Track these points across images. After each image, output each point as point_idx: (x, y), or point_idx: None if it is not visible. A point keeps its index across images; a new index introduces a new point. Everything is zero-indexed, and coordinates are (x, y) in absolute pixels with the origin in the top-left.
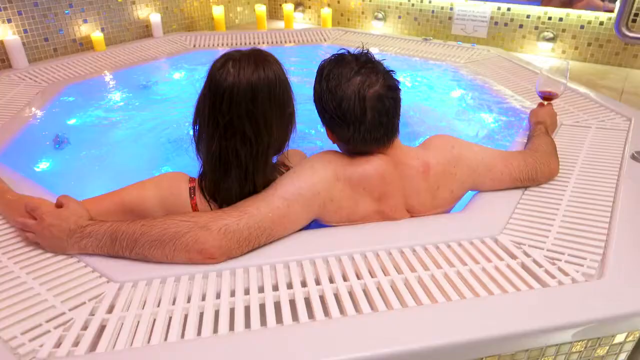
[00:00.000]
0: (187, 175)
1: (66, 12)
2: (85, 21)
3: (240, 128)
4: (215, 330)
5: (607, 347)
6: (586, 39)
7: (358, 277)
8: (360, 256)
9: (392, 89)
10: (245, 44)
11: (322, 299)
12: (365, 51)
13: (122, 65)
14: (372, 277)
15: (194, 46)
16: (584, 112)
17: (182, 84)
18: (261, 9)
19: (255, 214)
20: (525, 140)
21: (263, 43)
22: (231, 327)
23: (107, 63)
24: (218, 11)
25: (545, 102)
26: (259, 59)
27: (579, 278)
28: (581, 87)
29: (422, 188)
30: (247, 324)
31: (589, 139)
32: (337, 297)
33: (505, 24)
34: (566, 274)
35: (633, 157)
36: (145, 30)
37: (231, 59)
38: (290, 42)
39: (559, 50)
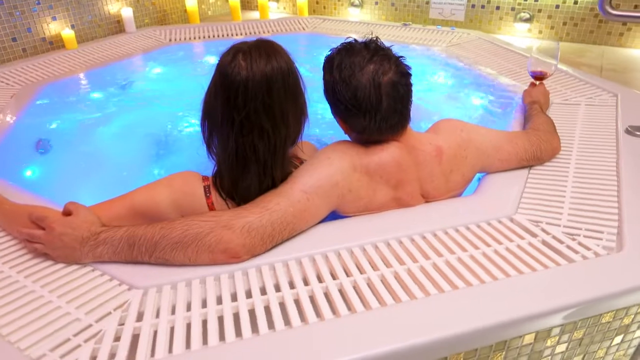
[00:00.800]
0: (199, 174)
1: (33, 9)
2: (54, 18)
3: (257, 122)
4: (255, 330)
5: (632, 316)
6: (561, 19)
7: (387, 265)
8: (384, 244)
9: (405, 75)
10: (223, 35)
11: (356, 289)
12: (375, 38)
13: (97, 63)
14: (401, 264)
15: (170, 40)
16: (571, 90)
17: (161, 80)
18: (235, 0)
19: (276, 209)
20: (521, 120)
21: (240, 34)
22: (270, 326)
23: (81, 61)
24: (191, 3)
25: (537, 82)
26: (268, 49)
27: (601, 252)
28: (564, 65)
29: (436, 173)
30: (287, 321)
31: (581, 116)
32: (371, 287)
33: (483, 6)
34: (588, 249)
35: (627, 131)
36: (117, 26)
37: (240, 51)
38: (268, 32)
39: (535, 30)
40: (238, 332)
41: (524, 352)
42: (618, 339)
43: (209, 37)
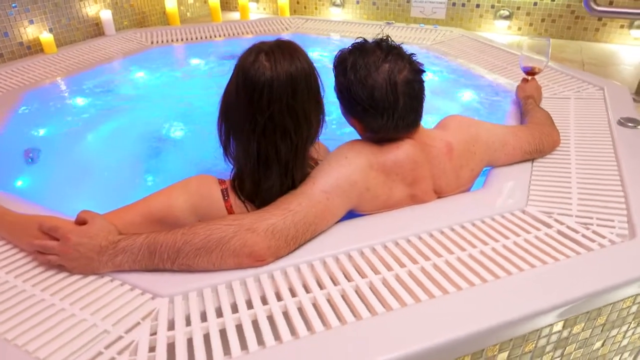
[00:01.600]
0: (214, 177)
1: (9, 12)
2: (31, 22)
3: (280, 123)
4: (293, 332)
5: None
6: (540, 15)
7: (413, 262)
8: (404, 241)
9: (418, 73)
10: (206, 37)
11: (386, 286)
12: (385, 37)
13: (79, 67)
14: (426, 260)
15: (152, 43)
16: (559, 84)
17: (146, 83)
18: (215, 1)
19: (298, 210)
20: (517, 115)
21: (223, 36)
22: (308, 327)
23: (62, 66)
24: (171, 5)
25: (529, 77)
26: (290, 49)
27: (616, 239)
28: (550, 61)
29: (448, 168)
30: (324, 322)
31: (572, 109)
32: (401, 283)
33: (463, 5)
34: (603, 237)
35: (620, 123)
36: (95, 29)
37: (262, 51)
38: (251, 32)
39: (515, 27)
40: (276, 336)
41: (552, 340)
42: (635, 323)
43: (191, 39)
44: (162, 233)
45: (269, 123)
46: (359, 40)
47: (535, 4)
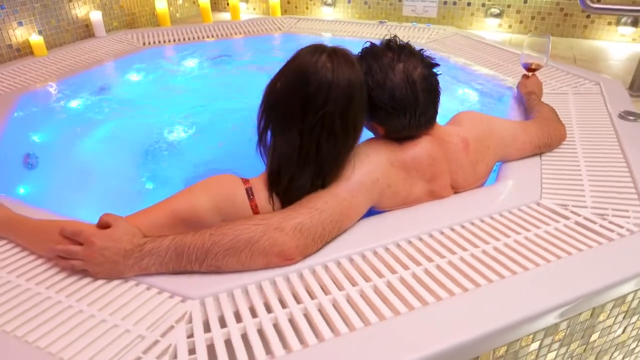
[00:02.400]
0: (237, 177)
1: None
2: (20, 23)
3: (329, 125)
4: (333, 329)
5: None
6: (530, 13)
7: (440, 256)
8: (427, 236)
9: (432, 66)
10: (197, 38)
11: (418, 281)
12: (393, 37)
13: (72, 70)
14: (452, 253)
15: (144, 44)
16: (555, 80)
17: (141, 85)
18: (205, 1)
19: (325, 208)
20: (519, 110)
21: (216, 36)
22: (346, 323)
23: (54, 69)
24: (161, 5)
25: (529, 74)
26: (350, 57)
27: (634, 229)
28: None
29: (465, 164)
30: (363, 319)
31: (572, 104)
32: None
33: (454, 3)
34: (620, 227)
35: (620, 116)
36: (85, 30)
37: (325, 52)
38: (243, 33)
39: (505, 25)
40: (317, 334)
41: (580, 328)
42: None
43: (183, 39)
44: (189, 234)
45: (319, 122)
46: (366, 44)
47: (525, 1)
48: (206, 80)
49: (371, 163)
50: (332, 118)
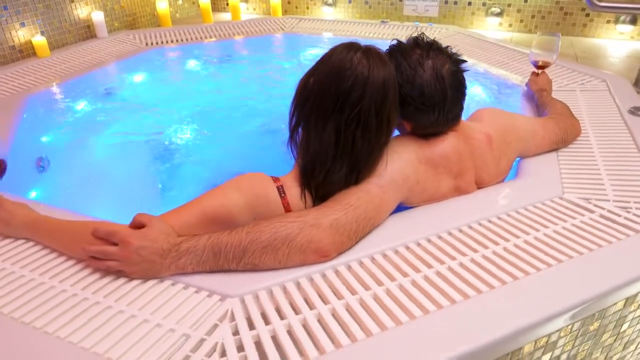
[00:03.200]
0: (266, 175)
1: (0, 15)
2: (22, 24)
3: (364, 120)
4: (379, 324)
5: None
6: (530, 12)
7: (474, 250)
8: (457, 231)
9: (460, 63)
10: (200, 38)
11: (456, 275)
12: (420, 34)
13: (77, 71)
14: (485, 248)
15: (147, 45)
16: (562, 77)
17: (146, 86)
18: (206, 2)
19: (358, 205)
20: (531, 107)
21: (218, 37)
22: (392, 318)
23: (59, 70)
24: (162, 6)
25: (539, 71)
26: (383, 56)
27: None
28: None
29: (489, 159)
30: (406, 313)
31: (581, 101)
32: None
33: (455, 2)
34: None
35: (631, 112)
36: (87, 31)
37: (360, 50)
38: (245, 33)
39: (506, 24)
40: (364, 329)
41: (613, 319)
42: None
43: (185, 40)
44: (225, 233)
45: (355, 117)
46: (393, 42)
47: (525, 0)
48: (212, 81)
49: (401, 159)
50: (367, 113)
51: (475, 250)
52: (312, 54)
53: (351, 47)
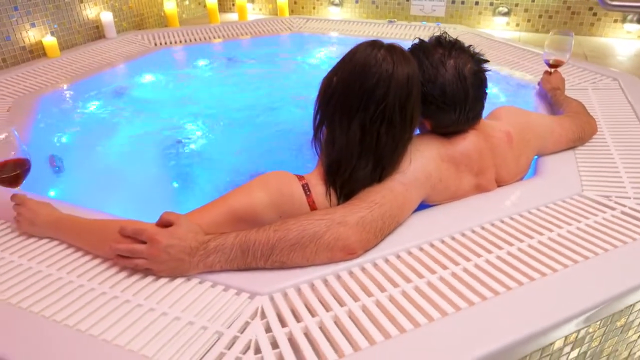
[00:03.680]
0: (291, 173)
1: (11, 16)
2: (32, 25)
3: (389, 117)
4: (410, 319)
5: None
6: (537, 12)
7: (498, 247)
8: (479, 228)
9: (482, 62)
10: (208, 38)
11: (483, 271)
12: (443, 33)
13: (88, 71)
14: (510, 245)
15: (155, 45)
16: (573, 76)
17: (158, 86)
18: (213, 2)
19: (383, 202)
20: (544, 106)
21: (226, 37)
22: (424, 315)
23: (69, 70)
24: (170, 6)
25: (552, 70)
26: (406, 54)
27: None
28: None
29: (509, 157)
30: (438, 310)
31: (594, 99)
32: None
33: (462, 2)
34: None
35: None
36: (96, 32)
37: (383, 47)
38: (253, 34)
39: (513, 23)
40: (397, 325)
41: (638, 316)
42: None
43: (193, 40)
44: (252, 231)
45: (380, 114)
46: (415, 41)
47: (532, 0)
48: (223, 80)
49: (424, 157)
50: (392, 110)
51: (500, 247)
52: (323, 54)
53: (375, 45)
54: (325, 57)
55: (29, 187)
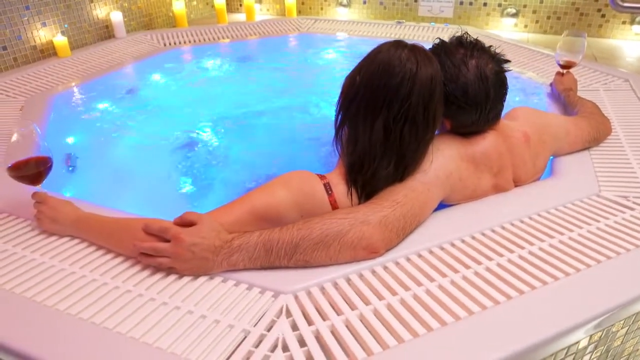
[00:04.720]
0: (312, 173)
1: (22, 15)
2: (43, 24)
3: (412, 116)
4: (436, 318)
5: None
6: (545, 13)
7: (520, 247)
8: (500, 228)
9: (503, 62)
10: (216, 39)
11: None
12: (464, 33)
13: (98, 71)
14: (530, 244)
15: (165, 45)
16: (584, 77)
17: (169, 86)
18: (221, 2)
19: (405, 202)
20: (557, 106)
21: (235, 37)
22: (449, 313)
23: (80, 70)
24: (179, 7)
25: (564, 71)
26: (429, 54)
27: None
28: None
29: (527, 157)
30: (464, 308)
31: (606, 100)
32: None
33: (470, 3)
34: None
35: None
36: (106, 31)
37: (406, 47)
38: (262, 34)
39: (521, 24)
40: (423, 324)
41: None
42: None
43: (202, 40)
44: (275, 230)
45: (403, 113)
46: (436, 41)
47: (541, 1)
48: (232, 80)
49: (444, 157)
50: (415, 110)
51: (521, 247)
52: (332, 54)
53: (398, 45)
54: (335, 57)
55: (44, 186)
